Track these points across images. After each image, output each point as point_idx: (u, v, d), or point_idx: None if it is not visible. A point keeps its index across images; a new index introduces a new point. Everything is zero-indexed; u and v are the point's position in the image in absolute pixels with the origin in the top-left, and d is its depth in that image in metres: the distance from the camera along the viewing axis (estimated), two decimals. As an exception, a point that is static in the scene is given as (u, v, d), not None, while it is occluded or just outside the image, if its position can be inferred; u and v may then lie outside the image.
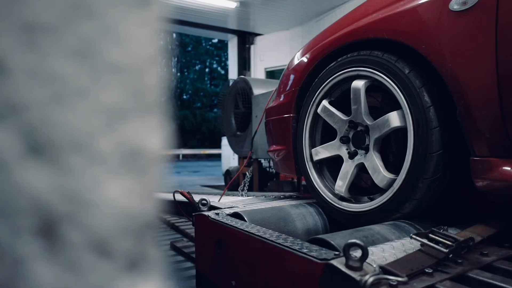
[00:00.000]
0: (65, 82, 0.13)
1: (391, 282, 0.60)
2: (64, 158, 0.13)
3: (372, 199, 1.12)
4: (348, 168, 1.18)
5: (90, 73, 0.13)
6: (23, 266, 0.13)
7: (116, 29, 0.14)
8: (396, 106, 1.04)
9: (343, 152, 1.21)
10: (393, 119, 1.04)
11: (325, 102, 1.25)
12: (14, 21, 0.12)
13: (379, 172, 1.08)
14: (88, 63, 0.13)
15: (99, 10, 0.13)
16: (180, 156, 19.04)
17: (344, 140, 1.21)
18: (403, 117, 1.01)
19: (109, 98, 0.14)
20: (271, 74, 7.43)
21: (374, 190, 1.19)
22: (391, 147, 1.19)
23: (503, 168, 0.82)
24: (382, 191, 1.08)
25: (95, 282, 0.13)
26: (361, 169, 1.17)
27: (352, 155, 1.19)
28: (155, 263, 0.15)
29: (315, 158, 1.31)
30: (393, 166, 1.16)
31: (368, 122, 1.12)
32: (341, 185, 1.20)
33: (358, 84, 1.11)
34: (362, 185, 1.38)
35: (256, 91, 3.92)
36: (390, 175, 1.07)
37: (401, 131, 1.08)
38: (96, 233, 0.13)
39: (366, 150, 1.14)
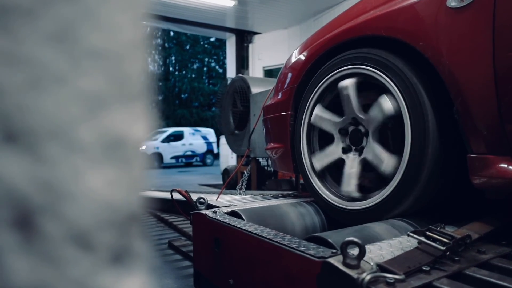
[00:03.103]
0: (42, 68, 0.12)
1: (388, 280, 0.60)
2: (41, 147, 0.13)
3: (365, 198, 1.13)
4: (334, 151, 1.22)
5: (69, 59, 0.13)
6: (-2, 259, 0.12)
7: (97, 13, 0.13)
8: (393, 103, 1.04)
9: (337, 133, 1.22)
10: (387, 163, 1.04)
11: (349, 82, 1.16)
12: (-13, 4, 0.12)
13: (350, 184, 1.13)
14: (67, 48, 0.13)
15: (79, -7, 0.13)
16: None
17: (343, 132, 1.21)
18: (395, 166, 1.02)
19: (90, 85, 0.13)
20: (269, 72, 7.42)
21: (371, 187, 1.19)
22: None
23: (500, 165, 0.82)
24: (380, 188, 1.08)
25: (75, 275, 0.13)
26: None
27: (345, 149, 1.20)
28: (140, 257, 0.15)
29: (312, 120, 1.30)
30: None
31: (372, 138, 1.10)
32: (319, 163, 1.26)
33: (386, 104, 1.04)
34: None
35: (254, 89, 3.92)
36: (356, 194, 1.11)
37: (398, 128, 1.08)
38: (76, 225, 0.13)
39: (360, 152, 1.15)
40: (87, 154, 0.13)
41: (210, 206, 1.34)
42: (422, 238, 0.74)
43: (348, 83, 1.16)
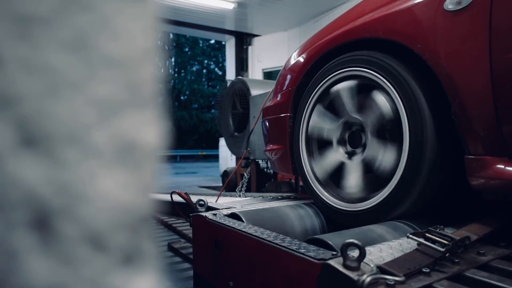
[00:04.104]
0: (59, 75, 0.13)
1: (389, 282, 0.60)
2: (58, 151, 0.13)
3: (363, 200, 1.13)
4: (333, 156, 1.23)
5: (85, 66, 0.13)
6: (16, 260, 0.13)
7: (111, 22, 0.14)
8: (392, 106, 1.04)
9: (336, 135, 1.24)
10: (386, 160, 1.04)
11: (348, 84, 1.18)
12: (8, 13, 0.12)
13: (353, 185, 1.15)
14: (82, 56, 0.13)
15: (94, 3, 0.13)
16: (178, 157, 19.02)
17: (342, 135, 1.22)
18: (394, 165, 1.02)
19: (104, 91, 0.14)
20: (269, 75, 7.43)
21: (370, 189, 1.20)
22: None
23: (498, 166, 0.83)
24: (378, 190, 1.09)
25: (89, 275, 0.13)
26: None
27: (347, 153, 1.21)
28: (150, 258, 0.15)
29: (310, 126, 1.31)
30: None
31: (370, 139, 1.11)
32: (320, 170, 1.28)
33: (385, 106, 1.05)
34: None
35: (254, 91, 3.92)
36: (359, 195, 1.11)
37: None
38: (91, 226, 0.13)
39: (359, 153, 1.16)
40: (101, 158, 0.14)
41: (210, 208, 1.34)
42: (422, 240, 0.75)
43: (347, 85, 1.17)
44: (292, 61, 1.49)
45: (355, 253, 0.63)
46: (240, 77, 4.62)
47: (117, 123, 0.14)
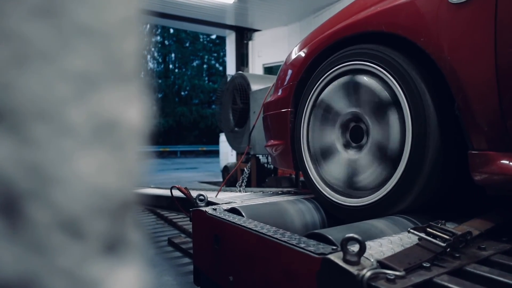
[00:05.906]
0: (27, 43, 0.12)
1: (389, 276, 0.60)
2: (27, 128, 0.12)
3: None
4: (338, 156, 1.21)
5: (57, 35, 0.12)
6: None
7: None
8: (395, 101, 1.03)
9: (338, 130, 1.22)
10: (393, 141, 1.01)
11: (348, 78, 1.18)
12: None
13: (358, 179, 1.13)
14: (54, 23, 0.12)
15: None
16: (178, 153, 19.06)
17: (343, 129, 1.21)
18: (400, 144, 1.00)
19: (79, 63, 0.12)
20: (269, 70, 7.40)
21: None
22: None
23: (501, 161, 0.82)
24: (380, 185, 1.08)
25: (64, 265, 0.12)
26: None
27: (345, 145, 1.21)
28: (134, 246, 0.14)
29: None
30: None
31: (372, 133, 1.10)
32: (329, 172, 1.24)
33: (386, 98, 1.07)
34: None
35: (254, 86, 3.91)
36: (364, 189, 1.11)
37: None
38: (65, 211, 0.12)
39: (361, 147, 1.15)
40: (76, 136, 0.12)
41: (210, 203, 1.34)
42: (423, 235, 0.74)
43: (348, 79, 1.16)
44: (293, 56, 1.48)
45: (355, 248, 0.63)
46: (240, 72, 4.60)
47: (94, 99, 0.13)
